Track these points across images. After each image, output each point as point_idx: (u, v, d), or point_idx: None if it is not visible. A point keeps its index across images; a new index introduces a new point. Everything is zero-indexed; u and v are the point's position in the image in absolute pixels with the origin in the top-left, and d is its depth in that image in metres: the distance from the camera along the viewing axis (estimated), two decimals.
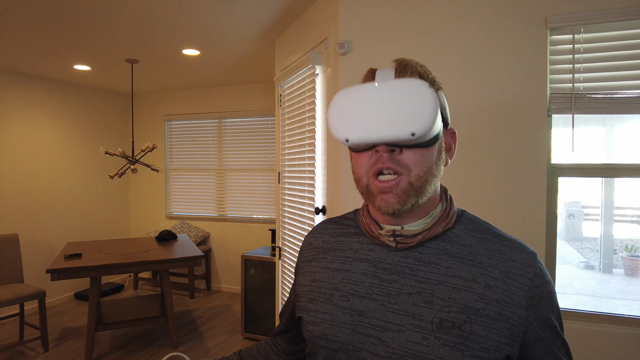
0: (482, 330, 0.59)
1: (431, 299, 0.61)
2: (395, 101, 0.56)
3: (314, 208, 2.24)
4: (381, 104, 0.57)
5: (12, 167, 3.99)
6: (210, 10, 2.50)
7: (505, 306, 0.60)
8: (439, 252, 0.64)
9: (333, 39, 2.09)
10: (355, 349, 0.64)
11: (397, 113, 0.56)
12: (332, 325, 0.67)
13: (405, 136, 0.55)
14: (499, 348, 0.59)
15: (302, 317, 0.73)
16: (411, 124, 0.55)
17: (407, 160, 0.59)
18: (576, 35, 1.68)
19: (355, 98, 0.59)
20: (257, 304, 3.43)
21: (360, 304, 0.66)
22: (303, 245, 0.83)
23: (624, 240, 4.15)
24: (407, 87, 0.56)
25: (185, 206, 5.18)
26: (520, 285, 0.61)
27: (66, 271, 2.90)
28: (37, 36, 2.95)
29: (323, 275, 0.73)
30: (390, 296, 0.64)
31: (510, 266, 0.62)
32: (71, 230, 4.62)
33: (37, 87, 4.21)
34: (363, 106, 0.58)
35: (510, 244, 0.65)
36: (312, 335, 0.69)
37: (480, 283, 0.61)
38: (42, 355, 3.16)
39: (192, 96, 5.06)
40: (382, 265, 0.67)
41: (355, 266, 0.69)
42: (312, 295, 0.72)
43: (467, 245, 0.65)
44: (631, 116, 1.88)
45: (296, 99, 2.57)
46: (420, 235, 0.64)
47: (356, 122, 0.59)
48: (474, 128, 1.80)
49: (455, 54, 1.82)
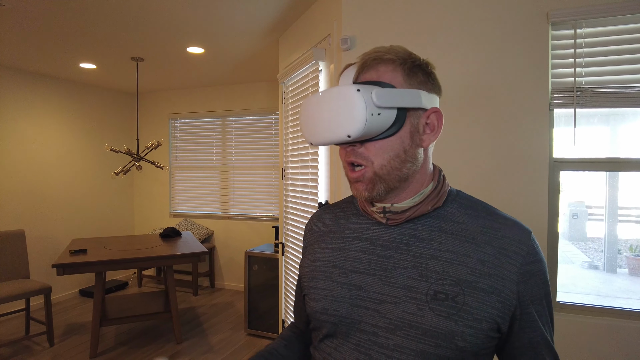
0: (475, 302, 0.62)
1: (426, 273, 0.65)
2: (333, 108, 0.64)
3: (317, 203, 2.26)
4: (323, 111, 0.65)
5: (19, 165, 4.04)
6: (215, 8, 2.53)
7: (497, 280, 0.63)
8: (432, 229, 0.68)
9: (336, 35, 2.11)
10: (354, 321, 0.67)
11: (335, 118, 0.63)
12: (332, 300, 0.70)
13: (343, 138, 0.63)
14: (490, 319, 0.62)
15: (305, 295, 0.77)
16: (347, 127, 0.62)
17: (368, 153, 0.66)
18: (578, 30, 1.69)
19: (311, 106, 0.68)
20: (260, 301, 3.44)
21: (359, 279, 0.69)
22: (305, 232, 0.87)
23: (628, 240, 4.14)
24: (341, 94, 0.63)
25: (189, 204, 5.21)
26: (512, 262, 0.64)
27: (72, 266, 2.93)
28: (43, 34, 2.99)
29: (323, 255, 0.77)
30: (387, 270, 0.67)
31: (504, 243, 0.65)
32: (76, 226, 4.66)
33: (43, 85, 4.26)
34: (314, 113, 0.67)
35: (505, 222, 0.67)
36: (314, 310, 0.73)
37: (472, 258, 0.64)
38: (48, 350, 3.19)
39: (196, 95, 5.09)
40: (379, 242, 0.70)
41: (354, 245, 0.73)
42: (312, 274, 0.76)
43: (461, 223, 0.68)
44: (634, 113, 1.89)
45: (300, 95, 2.59)
46: (409, 212, 0.68)
47: (312, 128, 0.68)
48: (476, 122, 1.81)
49: (458, 49, 1.84)
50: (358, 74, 0.68)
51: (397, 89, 0.65)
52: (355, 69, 0.69)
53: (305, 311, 0.86)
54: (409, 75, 0.66)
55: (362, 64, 0.68)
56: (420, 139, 0.68)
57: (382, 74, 0.66)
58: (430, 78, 0.69)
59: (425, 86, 0.68)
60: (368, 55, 0.68)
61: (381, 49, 0.69)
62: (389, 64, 0.67)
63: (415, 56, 0.69)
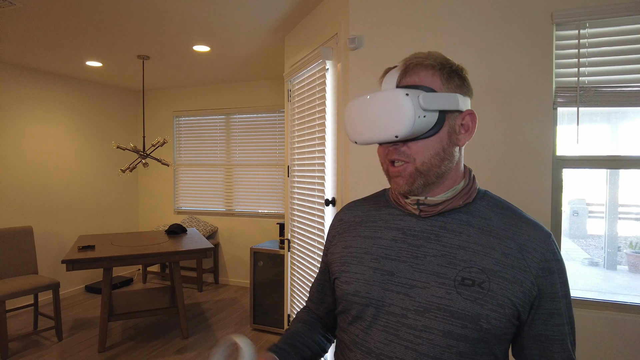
0: (499, 289, 0.67)
1: (454, 261, 0.70)
2: (382, 110, 0.69)
3: (324, 200, 2.30)
4: (372, 113, 0.71)
5: (26, 162, 4.08)
6: (222, 6, 2.56)
7: (519, 272, 0.68)
8: (461, 223, 0.73)
9: (344, 34, 2.14)
10: (384, 304, 0.72)
11: (383, 120, 0.69)
12: (364, 283, 0.75)
13: (391, 138, 0.69)
14: (512, 305, 0.67)
15: (336, 279, 0.81)
16: (395, 128, 0.67)
17: (411, 151, 0.71)
18: (582, 30, 1.73)
19: (357, 108, 0.74)
20: (265, 297, 3.49)
21: (390, 265, 0.74)
22: (333, 222, 0.92)
23: (628, 237, 4.17)
24: (390, 97, 0.68)
25: (194, 201, 5.26)
26: (532, 257, 0.69)
27: (81, 262, 2.98)
28: (50, 33, 3.03)
29: (355, 242, 0.81)
30: (417, 258, 0.73)
31: (525, 240, 0.70)
32: (82, 223, 4.71)
33: (50, 83, 4.30)
34: (361, 115, 0.73)
35: (528, 222, 0.73)
36: (345, 292, 0.78)
37: (497, 250, 0.69)
38: (57, 345, 3.24)
39: (200, 92, 5.13)
40: (411, 232, 0.75)
41: (386, 234, 0.78)
42: (345, 259, 0.81)
43: (487, 219, 0.73)
44: (635, 111, 1.92)
45: (306, 94, 2.63)
46: (441, 206, 0.74)
47: (358, 128, 0.74)
48: (482, 120, 1.85)
49: (463, 49, 1.88)
50: (400, 78, 0.73)
51: (439, 93, 0.70)
52: (396, 72, 0.73)
53: (331, 296, 0.91)
54: (447, 80, 0.72)
55: (405, 69, 0.73)
56: (457, 139, 0.73)
57: (422, 78, 0.71)
58: (464, 82, 0.74)
59: (461, 90, 0.73)
60: (409, 60, 0.73)
61: (420, 54, 0.73)
62: (429, 69, 0.72)
63: (451, 62, 0.74)
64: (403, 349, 0.68)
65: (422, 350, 0.67)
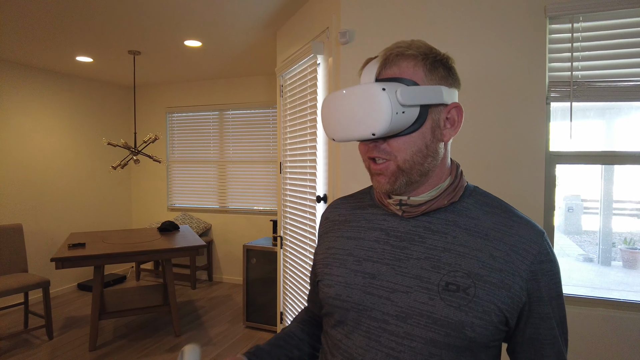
0: (485, 294, 0.63)
1: (438, 264, 0.66)
2: (358, 105, 0.64)
3: (316, 196, 2.27)
4: (348, 109, 0.66)
5: (16, 159, 4.02)
6: (213, 1, 2.51)
7: (507, 276, 0.64)
8: (447, 223, 0.69)
9: (335, 28, 2.11)
10: (366, 308, 0.69)
11: (359, 116, 0.64)
12: (345, 286, 0.72)
13: (368, 136, 0.64)
14: (499, 312, 0.63)
15: (319, 281, 0.78)
16: (371, 126, 0.62)
17: (391, 148, 0.66)
18: (575, 24, 1.70)
19: (333, 103, 0.68)
20: (258, 294, 3.47)
21: (372, 267, 0.70)
22: (320, 220, 0.89)
23: (622, 233, 4.18)
24: (366, 92, 0.63)
25: (187, 198, 5.22)
26: (523, 260, 0.65)
27: (71, 260, 2.94)
28: (40, 28, 2.97)
29: (337, 243, 0.78)
30: (400, 261, 0.69)
31: (516, 240, 0.66)
32: (74, 221, 4.65)
33: (40, 79, 4.23)
34: (337, 110, 0.67)
35: (519, 220, 0.68)
36: (326, 296, 0.74)
37: (484, 253, 0.65)
38: (47, 343, 3.20)
39: (193, 88, 5.07)
40: (394, 233, 0.71)
41: (369, 234, 0.74)
42: (327, 261, 0.78)
43: (475, 218, 0.69)
44: (629, 107, 1.91)
45: (298, 89, 2.59)
46: (425, 206, 0.69)
47: (335, 124, 0.68)
48: (473, 115, 1.82)
49: (456, 43, 1.85)
50: (380, 69, 0.68)
51: (420, 86, 0.65)
52: (376, 63, 0.68)
53: (319, 297, 0.88)
54: (430, 70, 0.67)
55: (384, 60, 0.68)
56: (442, 134, 0.68)
57: (404, 70, 0.66)
58: (450, 73, 0.69)
59: (446, 81, 0.68)
60: (390, 50, 0.68)
61: (402, 44, 0.69)
62: (411, 59, 0.67)
63: (436, 51, 0.69)
64: (384, 356, 0.65)
65: (403, 358, 0.64)
